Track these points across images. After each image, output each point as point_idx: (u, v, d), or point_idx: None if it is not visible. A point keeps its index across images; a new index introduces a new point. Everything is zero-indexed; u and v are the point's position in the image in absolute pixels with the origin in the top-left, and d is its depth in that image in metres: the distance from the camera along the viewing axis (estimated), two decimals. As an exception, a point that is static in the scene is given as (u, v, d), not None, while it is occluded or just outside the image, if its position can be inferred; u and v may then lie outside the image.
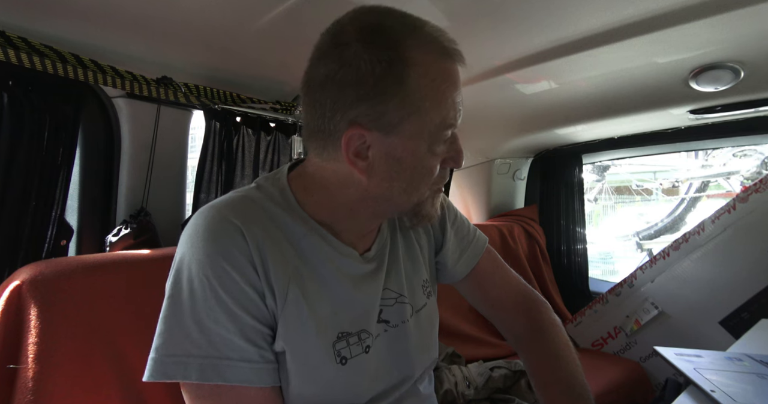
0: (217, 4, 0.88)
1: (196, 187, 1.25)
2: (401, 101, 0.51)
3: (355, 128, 0.52)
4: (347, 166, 0.54)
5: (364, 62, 0.50)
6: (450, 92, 0.54)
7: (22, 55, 0.85)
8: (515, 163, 2.18)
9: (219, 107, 1.21)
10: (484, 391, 1.19)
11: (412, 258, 0.70)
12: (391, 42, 0.50)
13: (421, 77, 0.51)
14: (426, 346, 0.69)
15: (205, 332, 0.50)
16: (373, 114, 0.51)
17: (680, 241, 1.60)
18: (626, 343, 1.71)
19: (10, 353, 0.71)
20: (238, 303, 0.51)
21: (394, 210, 0.61)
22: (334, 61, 0.52)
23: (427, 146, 0.54)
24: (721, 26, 1.02)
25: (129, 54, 1.03)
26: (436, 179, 0.58)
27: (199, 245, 0.52)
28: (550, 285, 2.03)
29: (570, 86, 1.40)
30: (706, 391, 0.71)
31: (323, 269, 0.58)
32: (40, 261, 0.81)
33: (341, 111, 0.52)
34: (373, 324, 0.61)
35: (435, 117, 0.53)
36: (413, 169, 0.55)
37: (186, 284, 0.51)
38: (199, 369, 0.49)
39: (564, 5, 0.96)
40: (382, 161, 0.54)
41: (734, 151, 4.26)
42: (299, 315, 0.55)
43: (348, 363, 0.57)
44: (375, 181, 0.55)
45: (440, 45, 0.53)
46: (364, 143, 0.53)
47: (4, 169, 0.90)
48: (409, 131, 0.52)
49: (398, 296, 0.66)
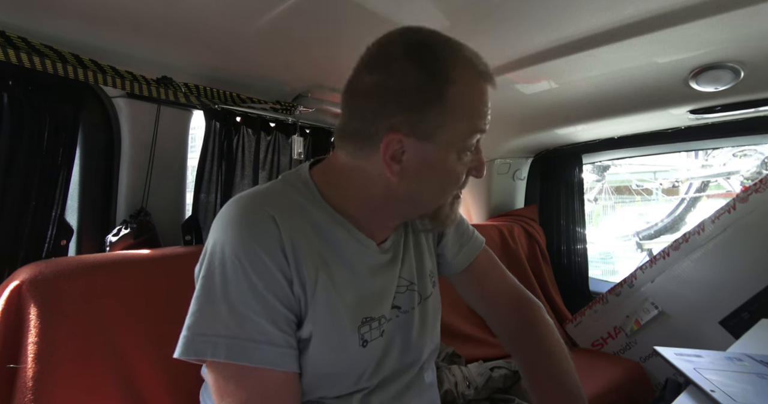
0: (218, 4, 0.88)
1: (196, 187, 1.25)
2: (439, 113, 0.56)
3: (394, 134, 0.57)
4: (379, 167, 0.59)
5: (409, 75, 0.56)
6: (480, 107, 0.60)
7: (22, 55, 0.85)
8: (515, 163, 2.18)
9: (219, 107, 1.21)
10: (484, 391, 1.19)
11: (419, 249, 0.75)
12: (435, 60, 0.56)
13: (459, 94, 0.57)
14: (430, 333, 0.72)
15: (235, 313, 0.53)
16: (413, 122, 0.56)
17: (680, 241, 1.60)
18: (626, 343, 1.71)
19: (10, 353, 0.72)
20: (268, 288, 0.54)
21: (415, 212, 0.66)
22: (382, 72, 0.57)
23: (457, 155, 0.59)
24: (721, 26, 1.02)
25: (129, 54, 1.03)
26: (460, 186, 0.63)
27: (234, 230, 0.55)
28: (550, 285, 2.03)
29: (570, 86, 1.40)
30: (706, 391, 0.71)
31: (348, 257, 0.62)
32: (40, 261, 0.81)
33: (384, 117, 0.57)
34: (388, 309, 0.66)
35: (467, 128, 0.59)
36: (442, 175, 0.60)
37: (219, 266, 0.54)
38: (227, 349, 0.52)
39: (564, 5, 0.96)
40: (416, 166, 0.59)
41: (734, 151, 4.26)
42: (328, 301, 0.58)
43: (368, 345, 0.62)
44: (405, 183, 0.60)
45: (477, 68, 0.59)
46: (401, 148, 0.58)
47: (4, 169, 0.90)
48: (443, 140, 0.58)
49: (409, 283, 0.70)
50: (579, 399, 0.69)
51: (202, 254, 0.57)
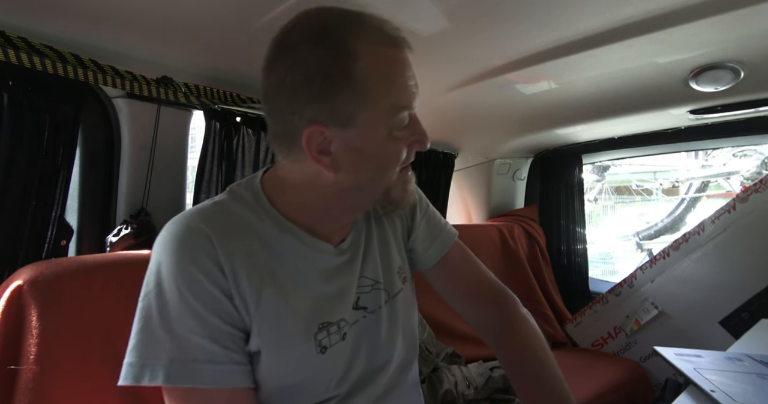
0: (218, 4, 0.88)
1: (196, 187, 1.25)
2: (351, 94, 0.53)
3: (313, 126, 0.54)
4: (313, 164, 0.56)
5: (310, 62, 0.52)
6: (397, 77, 0.56)
7: (22, 55, 0.85)
8: (515, 163, 2.18)
9: (219, 107, 1.21)
10: (484, 391, 1.19)
11: (386, 245, 0.72)
12: (335, 39, 0.53)
13: (366, 68, 0.53)
14: (404, 331, 0.70)
15: (173, 335, 0.51)
16: (328, 110, 0.53)
17: (680, 241, 1.60)
18: (626, 343, 1.71)
19: (10, 353, 0.71)
20: (206, 308, 0.52)
21: (368, 200, 0.63)
22: (283, 65, 0.54)
23: (386, 132, 0.56)
24: (721, 26, 1.02)
25: (129, 54, 1.03)
26: (402, 162, 0.60)
27: (169, 251, 0.54)
28: (550, 285, 2.03)
29: (570, 86, 1.40)
30: (706, 391, 0.71)
31: (298, 266, 0.60)
32: (40, 262, 0.81)
33: (298, 112, 0.54)
34: (349, 311, 0.63)
35: (386, 103, 0.55)
36: (377, 157, 0.57)
37: (155, 288, 0.53)
38: (166, 372, 0.50)
39: (564, 5, 0.96)
40: (345, 154, 0.56)
41: (734, 151, 4.26)
42: (276, 313, 0.56)
43: (327, 351, 0.59)
44: (342, 174, 0.57)
45: (383, 34, 0.55)
46: (325, 140, 0.55)
47: (4, 169, 0.90)
48: (364, 121, 0.54)
49: (374, 283, 0.67)
50: (563, 397, 0.67)
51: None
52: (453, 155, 1.97)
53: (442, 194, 1.99)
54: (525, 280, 1.93)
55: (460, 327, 1.57)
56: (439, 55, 1.14)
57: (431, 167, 1.88)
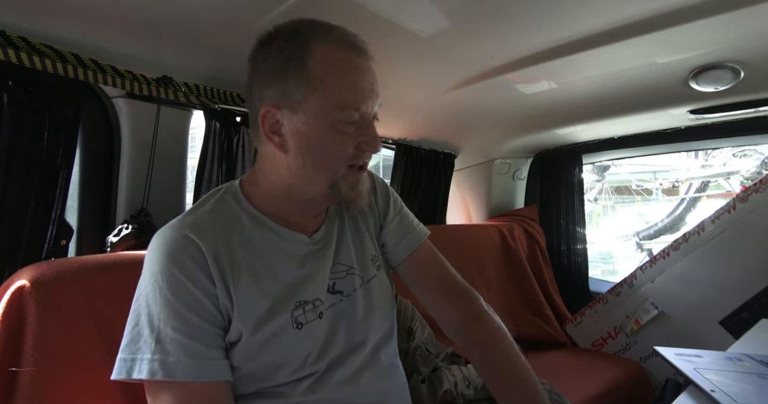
0: (218, 3, 0.88)
1: (196, 187, 1.25)
2: (302, 81, 0.61)
3: (267, 107, 0.63)
4: (270, 146, 0.65)
5: (273, 51, 0.63)
6: (349, 77, 0.63)
7: (22, 55, 0.85)
8: (515, 163, 2.18)
9: (219, 107, 1.21)
10: (484, 391, 1.19)
11: (359, 235, 0.79)
12: (300, 37, 0.62)
13: (319, 62, 0.61)
14: (379, 312, 0.75)
15: (156, 333, 0.57)
16: (281, 94, 0.62)
17: (680, 241, 1.60)
18: (626, 343, 1.71)
19: (11, 355, 0.71)
20: (188, 307, 0.58)
21: (317, 191, 0.68)
22: (258, 56, 0.65)
23: (330, 123, 0.62)
24: (721, 26, 1.02)
25: (129, 54, 1.03)
26: (352, 158, 0.66)
27: (155, 257, 0.60)
28: (550, 285, 2.04)
29: (570, 86, 1.40)
30: (706, 391, 0.71)
31: (272, 255, 0.67)
32: (40, 262, 0.81)
33: (259, 95, 0.64)
34: (324, 293, 0.69)
35: (334, 97, 0.62)
36: (320, 145, 0.64)
37: (143, 291, 0.60)
38: (148, 367, 0.56)
39: (564, 5, 0.96)
40: (293, 136, 0.63)
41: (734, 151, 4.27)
42: (252, 298, 0.63)
43: (303, 328, 0.65)
44: (291, 155, 0.64)
45: (342, 40, 0.63)
46: (277, 122, 0.63)
47: (4, 169, 0.90)
48: (312, 108, 0.62)
49: (348, 268, 0.74)
50: (531, 389, 0.71)
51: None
52: (453, 155, 1.97)
53: (442, 194, 1.99)
54: (525, 280, 1.93)
55: (460, 327, 1.57)
56: (439, 55, 1.14)
57: (431, 167, 1.88)
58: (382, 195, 0.85)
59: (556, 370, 1.49)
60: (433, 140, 1.83)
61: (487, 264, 1.84)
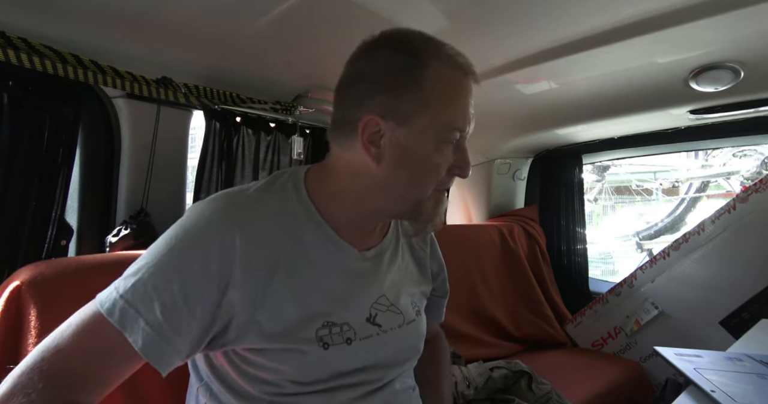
0: (218, 4, 0.88)
1: (196, 187, 1.25)
2: (415, 96, 0.59)
3: (372, 115, 0.59)
4: (361, 154, 0.61)
5: (387, 60, 0.60)
6: (460, 98, 0.61)
7: (22, 56, 0.85)
8: (515, 163, 2.18)
9: (219, 107, 1.21)
10: (484, 391, 1.19)
11: (410, 277, 0.76)
12: (414, 49, 0.60)
13: (435, 79, 0.59)
14: (409, 355, 0.72)
15: (142, 281, 0.53)
16: (389, 105, 0.59)
17: (680, 241, 1.60)
18: (626, 343, 1.71)
19: (9, 353, 0.71)
20: (183, 286, 0.53)
21: (398, 206, 0.65)
22: (363, 61, 0.62)
23: (434, 142, 0.60)
24: (721, 26, 1.02)
25: (129, 54, 1.03)
26: (441, 181, 0.63)
27: (197, 220, 0.57)
28: (550, 285, 2.03)
29: (570, 86, 1.40)
30: (706, 391, 0.71)
31: (320, 259, 0.62)
32: (39, 262, 0.81)
33: (364, 101, 0.60)
34: (361, 320, 0.64)
35: (443, 116, 0.60)
36: (419, 161, 0.61)
37: (166, 237, 0.56)
38: (111, 303, 0.53)
39: (564, 5, 0.96)
40: (393, 149, 0.60)
41: (734, 151, 4.26)
42: (282, 303, 0.58)
43: (330, 348, 0.61)
44: (383, 168, 0.61)
45: (456, 59, 0.61)
46: (379, 132, 0.60)
47: (4, 169, 0.90)
48: (419, 125, 0.59)
49: (390, 305, 0.69)
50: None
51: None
52: (453, 155, 1.96)
53: (442, 194, 1.98)
54: (525, 280, 1.93)
55: (460, 327, 1.57)
56: (439, 55, 1.14)
57: (431, 167, 1.87)
58: (435, 251, 0.84)
59: (556, 370, 1.49)
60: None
61: (487, 264, 1.84)
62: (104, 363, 0.54)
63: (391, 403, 0.69)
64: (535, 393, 1.16)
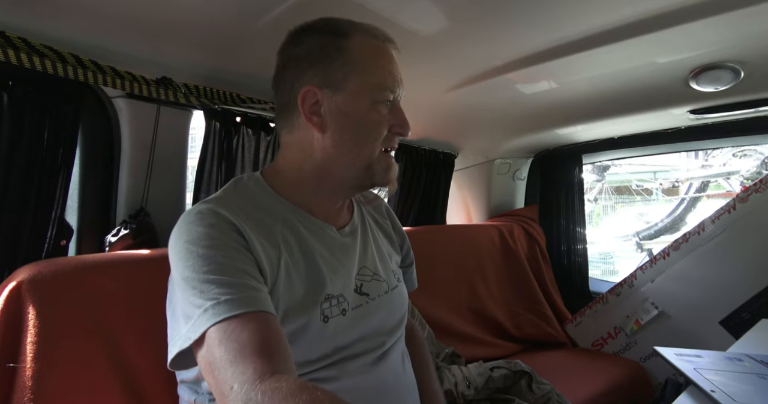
0: (218, 3, 0.88)
1: (196, 187, 1.25)
2: (343, 63, 0.65)
3: (308, 87, 0.65)
4: (307, 129, 0.67)
5: (313, 39, 0.67)
6: (384, 62, 0.68)
7: (22, 56, 0.85)
8: (515, 163, 2.18)
9: (219, 107, 1.21)
10: (484, 391, 1.19)
11: (381, 251, 0.80)
12: (335, 26, 0.67)
13: (359, 46, 0.66)
14: (399, 320, 0.77)
15: (198, 291, 0.54)
16: (321, 75, 0.65)
17: (680, 241, 1.60)
18: (626, 343, 1.71)
19: (9, 352, 0.72)
20: (226, 256, 0.56)
21: (351, 172, 0.69)
22: (290, 46, 0.69)
23: (370, 102, 0.66)
24: (721, 26, 1.02)
25: (129, 54, 1.03)
26: (384, 140, 0.69)
27: (187, 226, 0.59)
28: (550, 285, 2.03)
29: (570, 86, 1.40)
30: (706, 391, 0.71)
31: (309, 239, 0.67)
32: (39, 261, 0.81)
33: (297, 79, 0.66)
34: (350, 291, 0.69)
35: (373, 78, 0.66)
36: (360, 123, 0.66)
37: (183, 257, 0.57)
38: (202, 319, 0.52)
39: (564, 5, 0.96)
40: (333, 115, 0.66)
41: (734, 151, 4.26)
42: (291, 282, 0.62)
43: (329, 321, 0.64)
44: (329, 136, 0.66)
45: (374, 31, 0.68)
46: (318, 103, 0.66)
47: (3, 169, 0.90)
48: (352, 88, 0.65)
49: (373, 274, 0.75)
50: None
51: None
52: (453, 155, 1.97)
53: (442, 194, 1.98)
54: (525, 280, 1.93)
55: (460, 327, 1.57)
56: (439, 55, 1.14)
57: (431, 167, 1.88)
58: (395, 222, 0.88)
59: (557, 370, 1.49)
60: (433, 140, 1.82)
61: (487, 264, 1.84)
62: (278, 341, 0.53)
63: (395, 371, 0.73)
64: (536, 393, 1.16)
